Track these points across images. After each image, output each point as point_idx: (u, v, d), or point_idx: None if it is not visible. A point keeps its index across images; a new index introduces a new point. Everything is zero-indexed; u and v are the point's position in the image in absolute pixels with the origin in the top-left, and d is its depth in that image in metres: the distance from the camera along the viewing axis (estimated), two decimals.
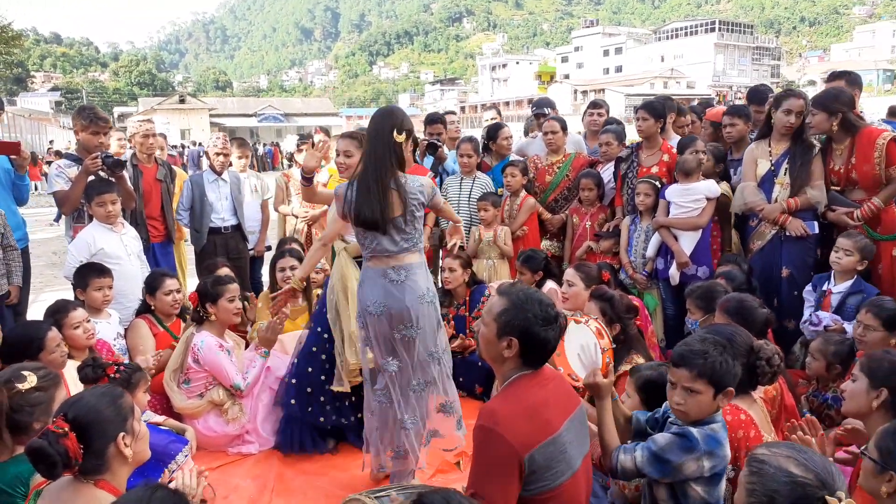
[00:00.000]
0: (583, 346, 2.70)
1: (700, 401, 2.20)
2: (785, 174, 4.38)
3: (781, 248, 4.42)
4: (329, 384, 3.67)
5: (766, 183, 4.45)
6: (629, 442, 2.42)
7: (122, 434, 2.03)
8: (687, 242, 4.62)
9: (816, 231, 4.36)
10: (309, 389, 3.74)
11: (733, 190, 4.84)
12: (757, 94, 5.45)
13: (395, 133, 2.99)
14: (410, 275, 3.07)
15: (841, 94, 4.29)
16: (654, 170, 4.96)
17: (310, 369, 3.74)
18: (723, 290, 3.59)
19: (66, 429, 1.93)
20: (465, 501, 1.71)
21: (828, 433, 2.76)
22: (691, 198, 4.58)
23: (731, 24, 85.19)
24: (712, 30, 79.99)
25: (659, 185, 4.79)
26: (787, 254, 4.41)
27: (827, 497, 1.58)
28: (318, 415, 3.75)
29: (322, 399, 3.74)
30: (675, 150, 5.00)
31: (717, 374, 2.17)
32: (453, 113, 7.11)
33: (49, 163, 26.65)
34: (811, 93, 5.29)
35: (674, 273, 4.66)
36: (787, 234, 4.36)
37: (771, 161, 4.43)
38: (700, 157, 4.66)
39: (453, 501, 1.69)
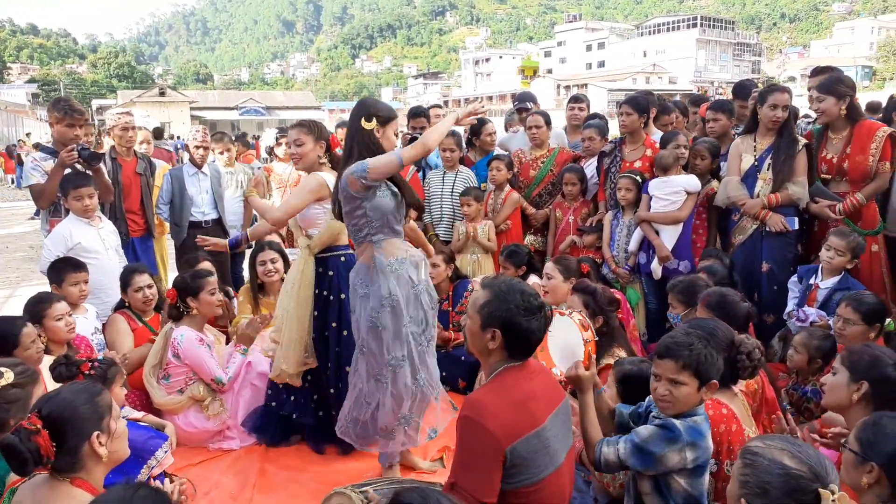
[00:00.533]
0: (565, 339, 2.70)
1: (684, 393, 2.21)
2: (768, 169, 4.40)
3: (762, 242, 4.45)
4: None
5: (750, 178, 4.48)
6: (612, 435, 2.42)
7: (96, 433, 1.99)
8: (668, 237, 4.65)
9: (796, 227, 4.40)
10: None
11: None
12: (742, 90, 5.49)
13: (362, 121, 3.03)
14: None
15: (845, 78, 4.36)
16: (637, 164, 4.97)
17: None
18: (704, 285, 3.61)
19: (39, 426, 1.90)
20: (444, 499, 1.69)
21: (808, 426, 2.79)
22: (670, 190, 4.60)
23: (712, 20, 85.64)
24: (694, 25, 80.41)
25: (640, 180, 4.81)
26: (767, 248, 4.43)
27: (820, 490, 1.59)
28: (281, 407, 3.73)
29: (288, 394, 3.71)
30: (658, 146, 5.02)
31: (701, 366, 2.18)
32: (439, 106, 7.08)
33: (21, 156, 26.28)
34: (792, 88, 5.33)
35: (655, 267, 4.69)
36: (768, 229, 4.39)
37: (755, 156, 4.46)
38: (677, 151, 4.69)
39: (430, 500, 1.67)
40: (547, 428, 2.15)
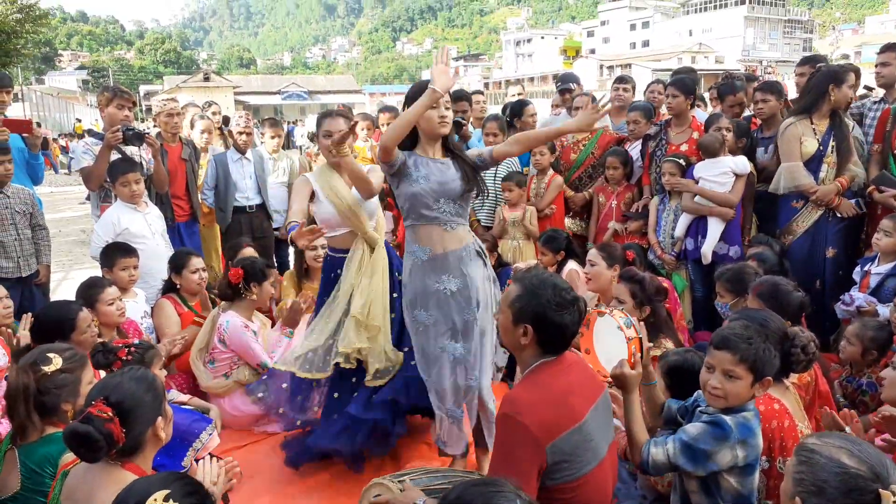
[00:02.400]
0: (610, 341, 2.65)
1: (738, 387, 2.13)
2: (832, 152, 4.26)
3: (827, 228, 4.33)
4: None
5: (814, 162, 4.32)
6: (659, 430, 2.37)
7: (160, 418, 2.06)
8: (715, 225, 4.53)
9: (865, 210, 4.28)
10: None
11: (757, 167, 4.71)
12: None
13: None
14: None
15: None
16: (684, 148, 4.85)
17: None
18: (753, 273, 3.50)
19: (111, 413, 1.94)
20: (511, 492, 1.61)
21: (862, 420, 2.69)
22: (718, 171, 4.48)
23: None
24: (742, 2, 78.03)
25: (684, 164, 4.69)
26: (833, 234, 4.32)
27: (881, 490, 1.51)
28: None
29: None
30: (704, 128, 4.91)
31: (759, 361, 2.11)
32: (480, 93, 7.01)
33: (62, 145, 27.07)
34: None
35: (706, 251, 4.57)
36: (837, 215, 4.26)
37: (818, 139, 4.30)
38: (720, 135, 4.55)
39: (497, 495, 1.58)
40: (588, 422, 2.11)
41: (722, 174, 4.48)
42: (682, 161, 4.70)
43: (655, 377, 2.55)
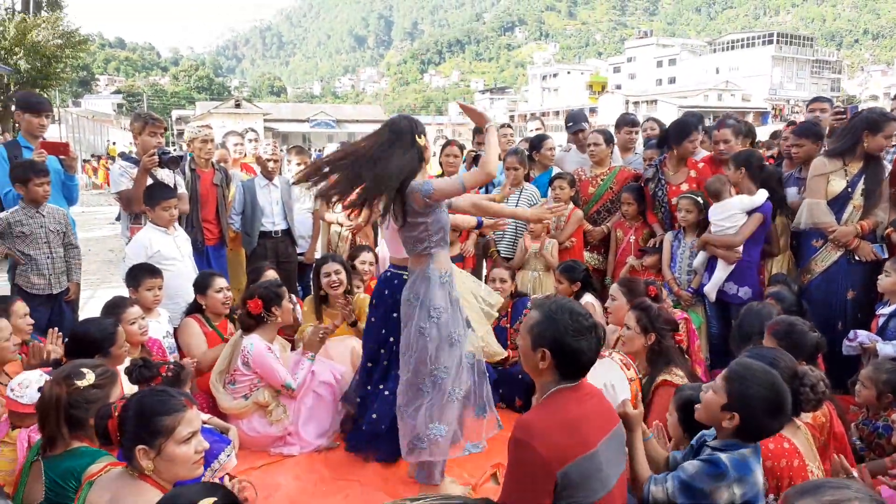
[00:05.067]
0: (605, 384, 2.69)
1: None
2: (861, 195, 4.27)
3: (848, 269, 4.32)
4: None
5: (839, 202, 4.33)
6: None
7: (141, 447, 2.09)
8: (722, 265, 4.55)
9: (886, 255, 4.25)
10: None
11: (792, 207, 4.71)
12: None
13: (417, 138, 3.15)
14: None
15: None
16: (684, 187, 4.94)
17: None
18: (767, 314, 3.51)
19: (115, 413, 2.09)
20: None
21: (877, 464, 2.68)
22: (725, 215, 4.51)
23: (789, 37, 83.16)
24: (770, 42, 78.21)
25: (701, 200, 4.73)
26: (853, 276, 4.31)
27: None
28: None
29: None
30: (700, 166, 5.00)
31: (743, 401, 2.20)
32: (509, 126, 7.13)
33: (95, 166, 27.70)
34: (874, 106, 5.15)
35: (709, 290, 4.59)
36: (857, 258, 4.26)
37: (847, 180, 4.31)
38: (720, 178, 4.62)
39: None
40: (599, 452, 2.14)
41: (729, 217, 4.51)
42: (699, 199, 4.74)
43: (651, 433, 2.59)
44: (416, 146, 3.11)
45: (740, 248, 4.51)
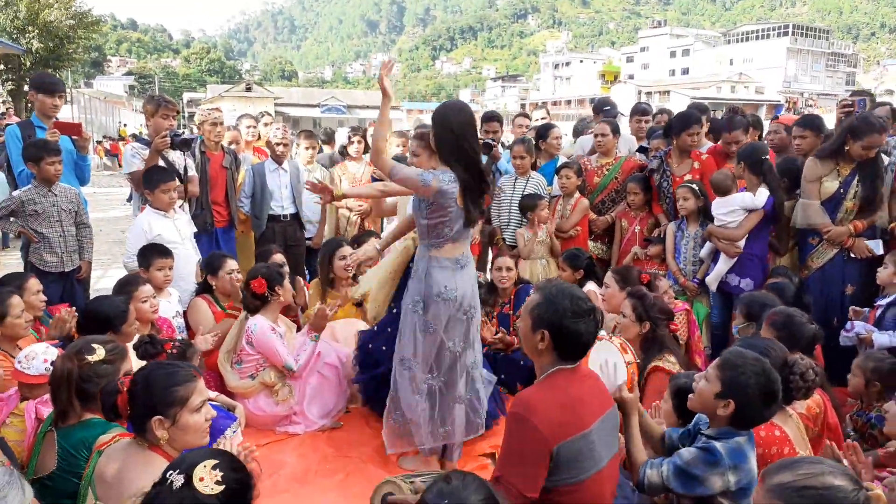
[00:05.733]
0: (601, 364, 2.74)
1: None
2: (854, 196, 4.29)
3: (844, 267, 4.36)
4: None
5: (832, 203, 4.36)
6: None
7: (158, 418, 2.14)
8: (725, 258, 4.58)
9: (882, 251, 4.28)
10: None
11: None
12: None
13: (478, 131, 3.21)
14: (470, 260, 3.37)
15: None
16: (688, 178, 4.97)
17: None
18: (772, 304, 3.56)
19: (124, 388, 2.15)
20: (482, 487, 1.77)
21: (871, 454, 2.73)
22: (726, 210, 4.55)
23: (805, 29, 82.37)
24: (785, 34, 77.49)
25: (697, 188, 4.77)
26: (850, 272, 4.34)
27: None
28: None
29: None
30: (704, 157, 5.03)
31: (733, 386, 2.24)
32: (526, 116, 7.17)
33: (107, 147, 27.81)
34: (891, 101, 5.16)
35: (710, 281, 4.63)
36: (852, 255, 4.29)
37: (840, 181, 4.33)
38: (729, 171, 4.64)
39: (470, 485, 1.76)
40: (593, 432, 2.21)
41: (731, 212, 4.54)
42: (695, 186, 4.78)
43: (645, 410, 2.65)
44: None
45: (741, 243, 4.54)
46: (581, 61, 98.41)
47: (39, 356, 2.87)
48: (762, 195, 4.50)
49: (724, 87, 64.79)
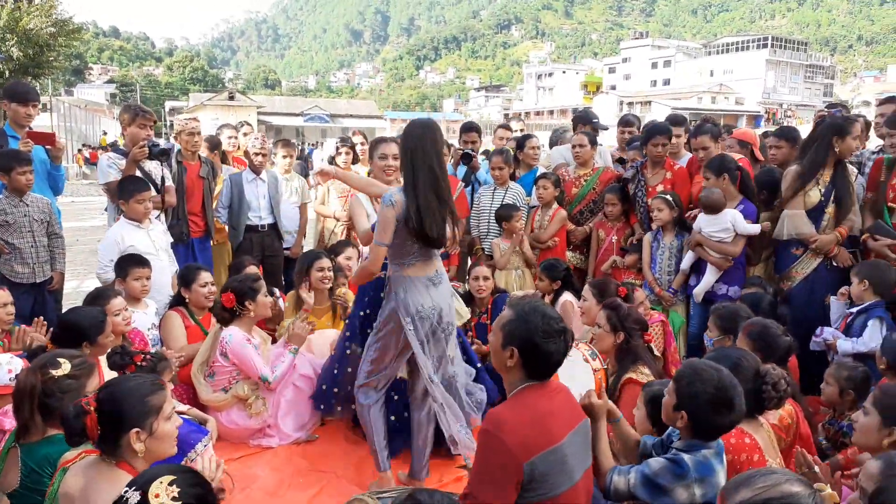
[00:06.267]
0: (571, 375, 2.73)
1: (665, 404, 2.34)
2: (832, 203, 4.34)
3: (826, 275, 4.39)
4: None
5: (815, 211, 4.38)
6: (636, 463, 2.44)
7: (136, 430, 2.10)
8: (713, 269, 4.60)
9: (858, 259, 4.33)
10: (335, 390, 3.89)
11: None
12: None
13: (443, 148, 3.18)
14: (443, 276, 3.34)
15: None
16: (660, 188, 5.02)
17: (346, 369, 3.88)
18: (746, 315, 3.59)
19: (92, 408, 2.06)
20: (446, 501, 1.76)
21: (829, 462, 2.75)
22: (719, 227, 4.54)
23: (784, 41, 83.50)
24: (764, 46, 78.51)
25: (671, 199, 4.80)
26: (832, 281, 4.37)
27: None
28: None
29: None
30: (676, 167, 5.10)
31: (687, 400, 2.26)
32: (508, 128, 7.18)
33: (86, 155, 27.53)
34: (865, 113, 5.25)
35: (698, 292, 4.65)
36: (835, 263, 4.33)
37: (821, 189, 4.37)
38: (720, 192, 4.59)
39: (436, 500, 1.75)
40: (565, 445, 2.20)
41: (723, 230, 4.53)
42: (669, 197, 4.81)
43: (620, 414, 2.64)
44: None
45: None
46: (564, 72, 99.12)
47: (3, 366, 2.83)
48: (755, 227, 4.52)
49: (705, 98, 65.51)
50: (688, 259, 4.77)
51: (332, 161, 6.66)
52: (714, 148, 5.01)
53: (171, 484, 1.69)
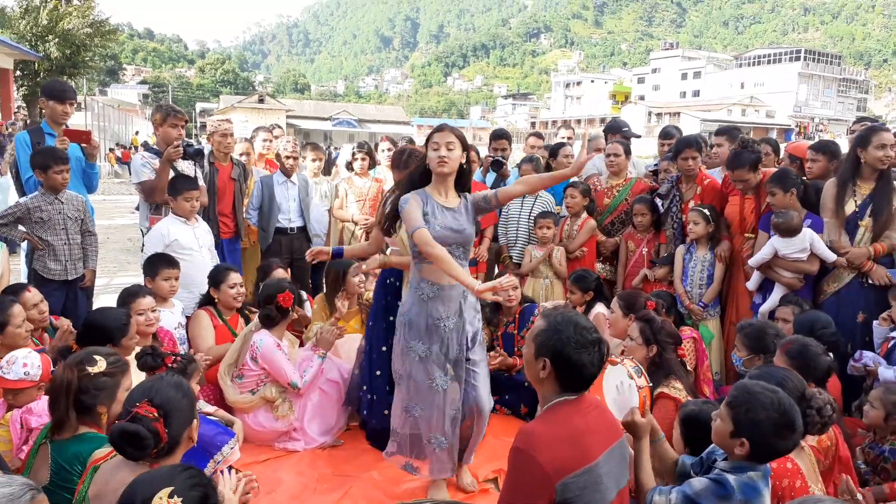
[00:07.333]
0: (618, 385, 2.67)
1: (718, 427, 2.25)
2: (869, 216, 4.23)
3: (861, 292, 4.25)
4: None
5: (850, 224, 4.27)
6: (675, 483, 2.38)
7: (195, 421, 2.18)
8: (780, 289, 4.48)
9: None
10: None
11: None
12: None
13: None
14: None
15: None
16: (692, 203, 4.94)
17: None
18: (773, 334, 3.50)
19: (156, 413, 2.06)
20: None
21: (871, 488, 2.66)
22: (798, 248, 4.35)
23: (817, 54, 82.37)
24: (797, 58, 77.53)
25: (707, 213, 4.71)
26: (865, 299, 4.23)
27: None
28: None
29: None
30: (706, 182, 5.02)
31: (745, 424, 2.19)
32: (539, 136, 7.10)
33: (118, 155, 27.95)
34: None
35: (764, 311, 4.50)
36: (870, 281, 4.21)
37: (856, 202, 4.27)
38: (797, 214, 4.39)
39: None
40: (600, 465, 2.13)
41: (801, 251, 4.35)
42: (706, 210, 4.72)
43: (662, 433, 2.58)
44: None
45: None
46: (592, 81, 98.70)
47: (19, 360, 2.86)
48: (830, 254, 4.30)
49: (735, 110, 64.84)
50: (755, 280, 4.64)
51: (349, 166, 6.66)
52: (753, 178, 4.82)
53: (170, 496, 1.72)
